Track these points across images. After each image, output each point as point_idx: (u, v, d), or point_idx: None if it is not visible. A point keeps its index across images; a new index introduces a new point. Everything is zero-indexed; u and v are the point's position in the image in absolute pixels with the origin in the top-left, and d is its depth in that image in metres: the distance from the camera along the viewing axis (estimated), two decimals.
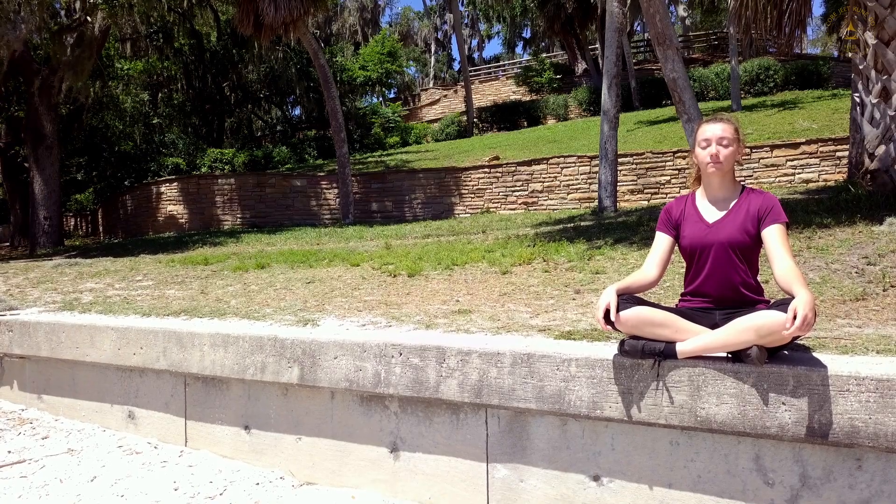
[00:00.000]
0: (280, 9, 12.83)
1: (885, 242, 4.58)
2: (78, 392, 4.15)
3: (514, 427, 2.71)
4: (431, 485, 2.92)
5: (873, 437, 2.06)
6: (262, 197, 17.17)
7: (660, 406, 2.36)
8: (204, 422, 3.62)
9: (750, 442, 2.29)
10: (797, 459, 2.23)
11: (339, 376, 3.06)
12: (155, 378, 3.79)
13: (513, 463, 2.72)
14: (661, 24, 6.63)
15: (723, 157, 2.43)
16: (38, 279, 7.06)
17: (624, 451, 2.50)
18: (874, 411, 2.05)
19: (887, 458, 2.11)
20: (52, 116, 16.36)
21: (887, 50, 5.88)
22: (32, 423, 4.17)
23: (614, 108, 10.10)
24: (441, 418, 2.88)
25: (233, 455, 3.51)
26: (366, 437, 3.08)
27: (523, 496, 2.71)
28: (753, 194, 2.48)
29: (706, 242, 2.43)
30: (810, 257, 4.53)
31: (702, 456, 2.37)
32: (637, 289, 2.46)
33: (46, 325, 4.17)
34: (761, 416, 2.20)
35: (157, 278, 6.28)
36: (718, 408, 2.27)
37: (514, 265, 5.17)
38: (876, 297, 3.67)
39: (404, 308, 4.05)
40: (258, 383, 3.37)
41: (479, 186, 15.21)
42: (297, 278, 5.52)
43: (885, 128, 5.98)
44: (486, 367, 2.69)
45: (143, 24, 22.36)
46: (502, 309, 3.83)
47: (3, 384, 4.56)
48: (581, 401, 2.49)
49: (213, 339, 3.46)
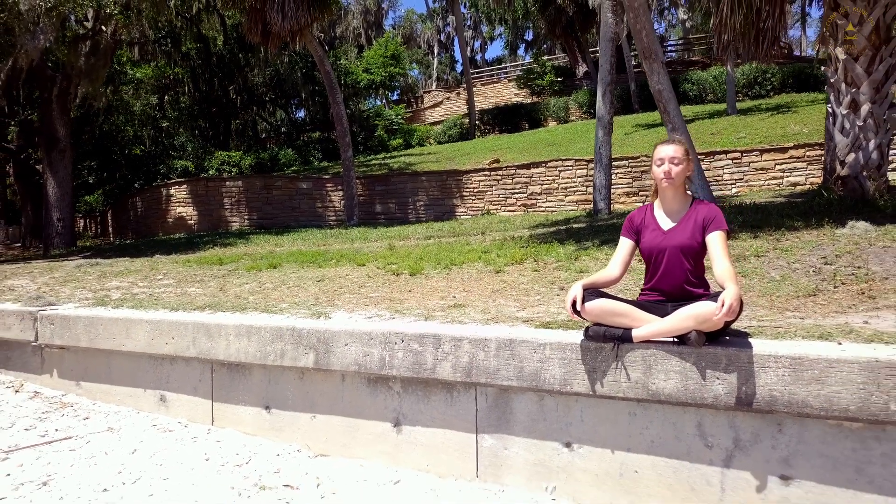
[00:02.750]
0: (287, 18, 13.30)
1: (843, 244, 5.03)
2: (113, 379, 4.63)
3: (500, 402, 3.17)
4: (429, 454, 3.38)
5: (788, 405, 2.51)
6: (268, 199, 17.66)
7: (619, 382, 2.82)
8: (229, 403, 4.09)
9: (693, 411, 2.75)
10: (731, 425, 2.69)
11: (348, 361, 3.53)
12: (184, 365, 4.26)
13: (498, 433, 3.19)
14: (647, 39, 7.09)
15: (674, 174, 2.88)
16: (63, 278, 7.53)
17: (591, 422, 2.96)
18: (788, 383, 2.51)
19: (802, 423, 2.56)
20: (65, 121, 16.88)
21: (856, 65, 6.32)
22: (73, 406, 4.65)
23: (608, 115, 10.54)
24: (437, 396, 3.34)
25: (255, 432, 3.98)
26: (372, 413, 3.55)
27: (507, 462, 3.17)
28: (701, 206, 2.94)
29: (662, 247, 2.89)
30: (775, 257, 4.98)
31: (654, 424, 2.83)
32: (601, 284, 2.93)
33: (85, 318, 4.64)
34: (700, 389, 2.66)
35: (177, 277, 6.76)
36: (666, 382, 2.73)
37: (507, 265, 5.64)
38: (826, 293, 4.11)
39: (406, 303, 4.52)
40: (278, 368, 3.84)
41: (479, 189, 15.66)
42: (308, 277, 6.00)
43: (855, 137, 6.42)
44: (475, 351, 3.15)
45: (151, 29, 22.87)
46: (493, 304, 4.29)
47: (44, 372, 5.04)
48: (554, 378, 2.95)
49: (237, 330, 3.93)
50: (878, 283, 4.17)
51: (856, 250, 4.86)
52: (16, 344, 5.17)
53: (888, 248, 4.84)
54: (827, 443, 2.53)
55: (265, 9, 13.39)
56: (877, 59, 6.25)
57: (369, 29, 43.02)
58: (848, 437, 2.50)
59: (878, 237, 5.08)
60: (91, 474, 3.50)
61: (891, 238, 5.01)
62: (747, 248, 5.26)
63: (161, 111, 25.98)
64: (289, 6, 13.25)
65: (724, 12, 6.39)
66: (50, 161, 17.22)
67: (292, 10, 13.27)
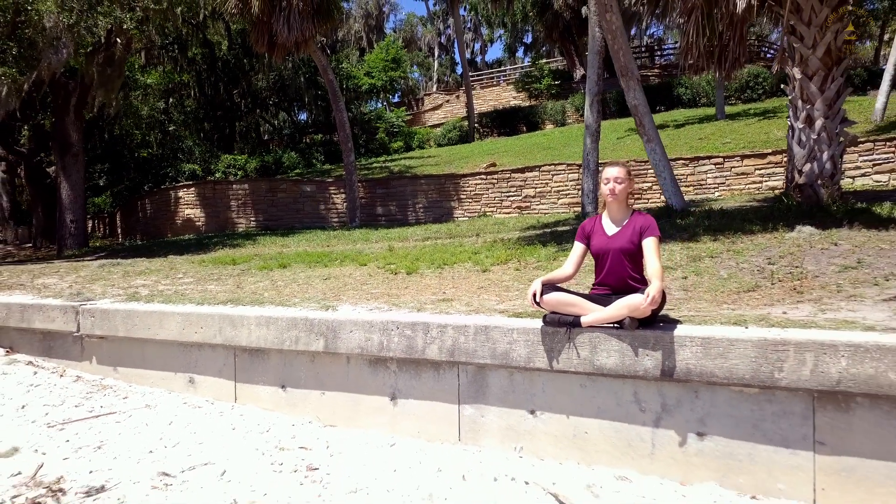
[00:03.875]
0: (293, 29, 13.98)
1: (788, 246, 5.70)
2: (147, 364, 5.31)
3: (477, 378, 3.85)
4: (420, 423, 4.05)
5: (700, 375, 3.18)
6: (273, 201, 18.34)
7: (571, 359, 3.49)
8: (249, 383, 4.77)
9: (630, 382, 3.42)
10: (659, 393, 3.36)
11: (353, 345, 4.20)
12: (211, 351, 4.94)
13: (476, 404, 3.86)
14: (623, 58, 7.75)
15: (617, 191, 3.55)
16: (90, 277, 8.21)
17: (550, 393, 3.64)
18: (700, 358, 3.17)
19: (712, 390, 3.23)
20: (77, 126, 17.55)
21: (810, 83, 6.99)
22: (112, 388, 5.32)
23: (596, 124, 11.19)
24: (427, 373, 4.01)
25: (272, 408, 4.65)
26: (373, 390, 4.22)
27: (483, 427, 3.84)
28: (640, 216, 3.60)
29: (606, 249, 3.56)
30: (727, 258, 5.65)
31: (600, 393, 3.50)
32: (557, 280, 3.60)
33: (123, 311, 5.32)
34: (634, 364, 3.33)
35: (196, 276, 7.44)
36: (608, 359, 3.40)
37: (493, 265, 6.31)
38: (764, 289, 4.78)
39: (402, 298, 5.19)
40: (292, 352, 4.52)
41: (476, 192, 16.33)
42: (315, 276, 6.67)
43: (810, 149, 7.08)
44: (457, 335, 3.82)
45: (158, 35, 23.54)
46: (477, 298, 4.97)
47: (84, 359, 5.71)
48: (521, 357, 3.63)
49: (258, 320, 4.60)
50: (809, 281, 4.84)
51: (797, 252, 5.52)
52: (58, 335, 5.85)
53: (825, 249, 5.51)
54: (732, 405, 3.20)
55: (271, 21, 14.05)
56: (829, 78, 6.91)
57: (371, 32, 43.72)
58: (747, 400, 3.17)
59: (820, 240, 5.75)
60: (137, 440, 4.18)
61: (830, 241, 5.68)
62: (705, 249, 5.93)
63: (167, 115, 26.67)
64: (294, 18, 13.92)
65: (690, 37, 7.06)
66: (63, 165, 17.89)
67: (297, 22, 13.94)
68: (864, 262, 5.12)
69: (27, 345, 6.11)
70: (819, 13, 6.77)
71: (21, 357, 6.05)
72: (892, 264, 5.00)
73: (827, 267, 5.11)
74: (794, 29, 7.01)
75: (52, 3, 10.48)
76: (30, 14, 10.53)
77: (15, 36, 10.97)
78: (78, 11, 10.82)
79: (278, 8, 13.87)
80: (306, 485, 3.47)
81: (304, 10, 13.90)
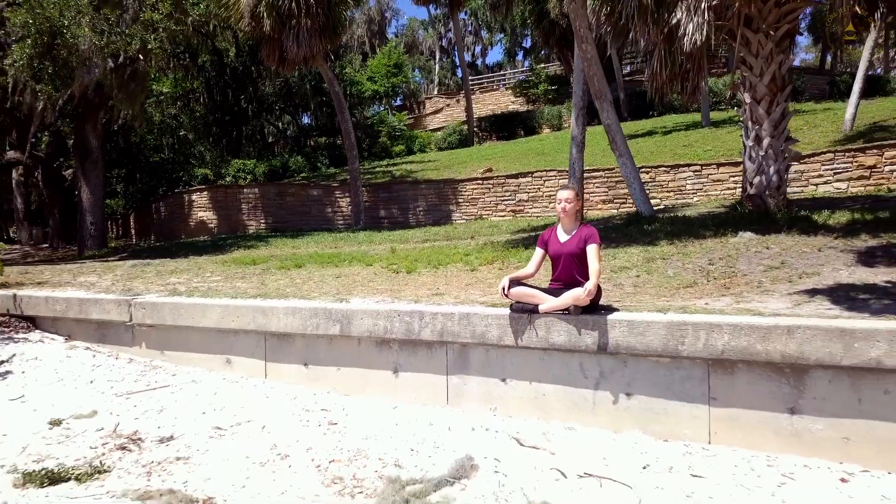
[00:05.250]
0: (301, 46, 15.04)
1: (729, 249, 6.74)
2: (190, 347, 6.36)
3: (461, 354, 4.89)
4: (417, 391, 5.10)
5: (626, 349, 4.23)
6: (282, 204, 19.40)
7: (532, 338, 4.54)
8: (277, 362, 5.82)
9: (576, 355, 4.46)
10: (598, 363, 4.40)
11: (363, 329, 5.25)
12: (245, 336, 5.99)
13: (460, 375, 4.90)
14: (598, 83, 8.78)
15: (567, 209, 4.59)
16: (126, 276, 9.26)
17: (517, 364, 4.68)
18: (626, 336, 4.22)
19: (637, 360, 4.28)
20: (97, 134, 18.66)
21: (758, 107, 8.02)
22: (161, 368, 6.38)
23: (581, 135, 12.19)
24: (422, 351, 5.06)
25: (296, 382, 5.70)
26: (379, 365, 5.27)
27: (466, 393, 4.89)
28: (585, 227, 4.64)
29: (560, 253, 4.60)
30: (676, 259, 6.68)
31: (555, 364, 4.54)
32: (522, 278, 4.64)
33: (170, 304, 6.38)
34: (578, 341, 4.38)
35: (223, 274, 8.50)
36: (559, 337, 4.44)
37: (481, 265, 7.36)
38: (700, 285, 5.82)
39: (402, 293, 6.24)
40: (313, 336, 5.56)
41: (473, 196, 17.37)
42: (328, 274, 7.73)
43: (759, 164, 8.12)
44: (445, 321, 4.87)
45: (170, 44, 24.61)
46: (464, 293, 6.02)
47: (134, 345, 6.77)
48: (494, 337, 4.67)
49: (285, 310, 5.66)
50: (737, 278, 5.88)
51: (735, 254, 6.57)
52: (111, 324, 6.91)
53: (758, 252, 6.55)
54: (651, 372, 4.24)
55: (282, 38, 15.11)
56: (774, 102, 7.94)
57: (373, 38, 44.80)
58: (661, 367, 4.21)
59: (756, 244, 6.79)
60: (190, 406, 5.24)
61: (764, 245, 6.72)
62: (660, 252, 6.97)
63: (178, 121, 27.75)
64: (302, 36, 14.97)
65: (655, 66, 8.09)
66: (84, 171, 18.98)
67: (305, 39, 14.99)
68: (786, 263, 6.16)
69: (83, 333, 7.17)
70: (765, 46, 7.79)
71: (79, 343, 7.11)
72: (808, 265, 6.04)
73: (755, 267, 6.15)
74: (744, 60, 8.04)
75: (87, 28, 11.55)
76: (65, 37, 11.60)
77: (51, 56, 12.05)
78: (108, 34, 11.88)
79: (288, 26, 14.92)
80: (328, 434, 4.53)
81: (311, 28, 14.95)
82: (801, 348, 3.77)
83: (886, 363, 3.55)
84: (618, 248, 7.19)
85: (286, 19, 14.86)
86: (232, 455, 4.24)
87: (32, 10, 11.58)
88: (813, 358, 3.74)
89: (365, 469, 3.93)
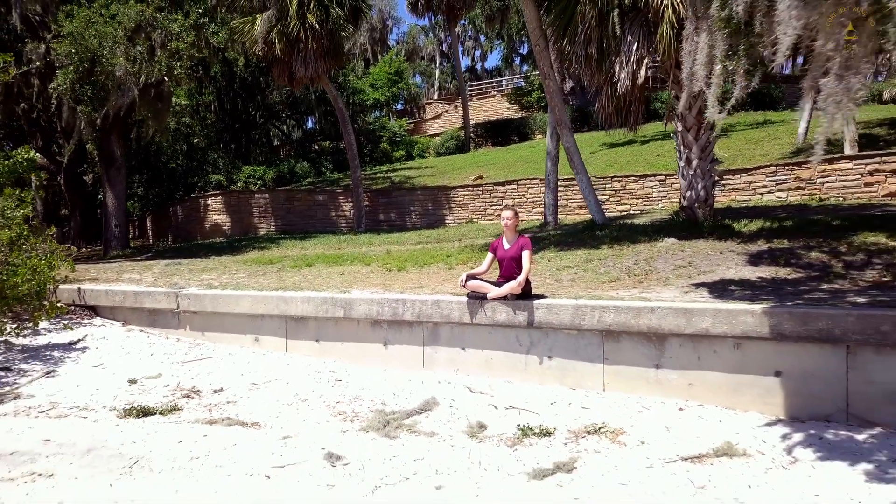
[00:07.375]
0: (308, 67, 16.78)
1: (653, 252, 8.43)
2: (226, 329, 8.10)
3: (434, 331, 6.62)
4: (400, 359, 6.83)
5: (547, 324, 5.95)
6: (290, 209, 21.15)
7: (483, 317, 6.26)
8: (295, 339, 7.55)
9: (514, 329, 6.18)
10: (528, 335, 6.12)
11: (361, 313, 6.98)
12: (269, 319, 7.73)
13: (433, 346, 6.63)
14: (558, 112, 10.48)
15: (509, 225, 6.32)
16: (162, 274, 11.00)
17: (474, 337, 6.40)
18: (547, 315, 5.94)
19: (555, 332, 5.99)
20: (121, 143, 20.45)
21: (688, 134, 9.72)
22: (203, 345, 8.12)
23: (555, 151, 13.90)
24: (405, 329, 6.79)
25: (310, 354, 7.43)
26: (373, 340, 7.00)
27: (436, 360, 6.61)
28: (522, 238, 6.36)
29: (504, 257, 6.33)
30: (610, 261, 8.37)
31: (498, 336, 6.26)
32: (477, 274, 6.38)
33: (210, 295, 8.12)
34: (514, 319, 6.10)
35: (247, 272, 10.23)
36: (501, 316, 6.16)
37: (458, 264, 9.08)
38: (621, 280, 7.52)
39: (392, 286, 7.96)
40: (323, 318, 7.29)
41: (464, 201, 19.09)
42: (334, 272, 9.46)
43: (690, 181, 9.81)
44: (421, 305, 6.60)
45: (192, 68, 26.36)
46: (441, 287, 7.74)
47: (180, 328, 8.51)
48: (456, 317, 6.40)
49: (301, 299, 7.39)
50: (651, 276, 7.58)
51: (657, 256, 8.26)
52: (160, 312, 8.65)
53: (674, 255, 8.25)
54: (566, 340, 5.96)
55: (291, 60, 16.85)
56: (701, 130, 9.64)
57: (375, 45, 46.51)
58: (572, 337, 5.93)
59: (675, 248, 8.48)
60: (231, 370, 6.98)
61: (680, 249, 8.41)
62: (599, 254, 8.67)
63: (191, 129, 29.55)
64: (309, 58, 16.71)
65: (602, 101, 9.79)
66: (108, 177, 20.75)
67: (312, 61, 16.73)
68: (693, 263, 7.86)
69: (137, 319, 8.92)
70: None
71: (134, 327, 8.86)
72: (708, 265, 7.74)
73: (668, 266, 7.85)
74: (676, 95, 9.74)
75: (121, 57, 13.31)
76: (103, 64, 13.36)
77: (90, 81, 13.81)
78: (140, 62, 13.64)
79: (296, 50, 16.65)
80: (335, 387, 6.27)
81: (317, 51, 16.68)
82: (660, 322, 5.48)
83: (712, 331, 5.27)
84: (567, 251, 8.91)
85: (294, 43, 16.59)
86: (267, 399, 5.98)
87: (75, 41, 13.33)
88: (668, 329, 5.46)
89: (360, 406, 5.67)
